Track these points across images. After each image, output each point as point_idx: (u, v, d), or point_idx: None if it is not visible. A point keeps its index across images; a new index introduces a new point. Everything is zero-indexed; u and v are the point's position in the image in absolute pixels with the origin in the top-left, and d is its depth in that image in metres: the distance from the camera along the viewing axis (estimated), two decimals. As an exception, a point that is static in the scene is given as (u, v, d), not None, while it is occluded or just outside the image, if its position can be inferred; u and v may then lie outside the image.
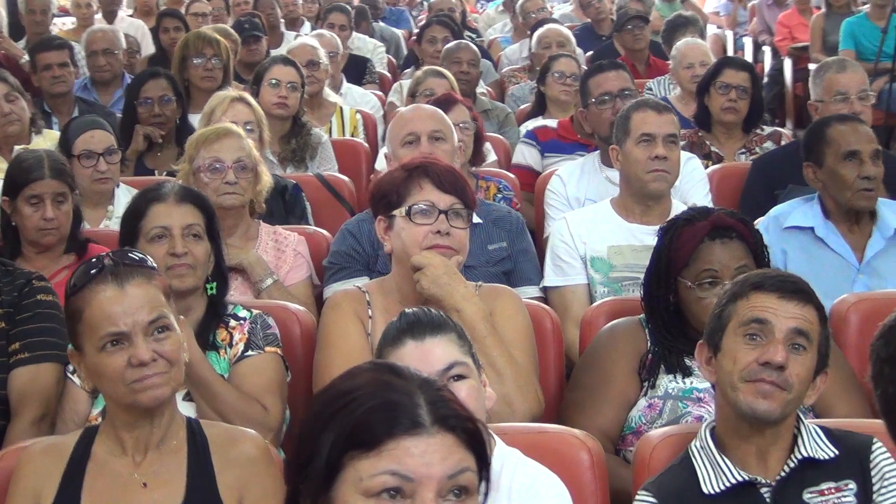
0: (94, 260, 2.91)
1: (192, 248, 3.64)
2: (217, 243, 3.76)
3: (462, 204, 3.58)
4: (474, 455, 1.84)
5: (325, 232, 4.85)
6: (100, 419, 3.43)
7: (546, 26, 8.03)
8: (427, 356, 2.72)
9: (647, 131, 4.55)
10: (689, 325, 3.58)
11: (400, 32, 10.87)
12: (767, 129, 6.25)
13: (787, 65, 10.59)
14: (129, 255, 2.94)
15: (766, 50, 11.48)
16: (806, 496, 2.82)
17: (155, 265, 3.00)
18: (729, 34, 12.35)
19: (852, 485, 2.83)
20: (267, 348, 3.64)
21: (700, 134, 6.11)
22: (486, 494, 1.88)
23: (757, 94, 6.15)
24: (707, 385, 3.47)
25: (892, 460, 2.85)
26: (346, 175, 5.86)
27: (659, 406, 3.51)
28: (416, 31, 10.38)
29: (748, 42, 12.00)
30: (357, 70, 8.37)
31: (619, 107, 5.33)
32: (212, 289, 3.72)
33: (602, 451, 3.15)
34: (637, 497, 2.88)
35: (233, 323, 3.66)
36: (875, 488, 2.83)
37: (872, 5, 9.88)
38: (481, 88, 7.63)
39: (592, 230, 4.59)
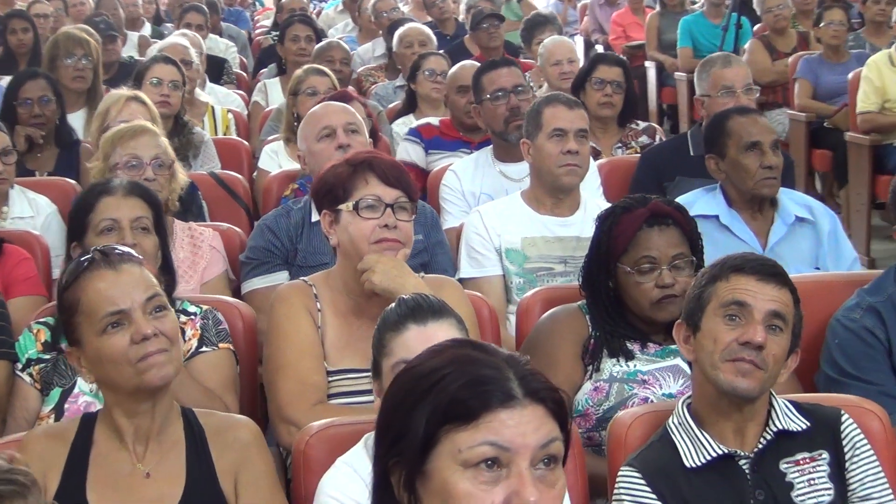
0: (82, 256, 2.92)
1: (141, 240, 3.66)
2: (164, 238, 3.77)
3: (407, 197, 3.65)
4: (559, 425, 1.92)
5: (237, 228, 4.86)
6: (51, 417, 3.42)
7: (407, 26, 8.12)
8: (431, 339, 2.78)
9: (559, 126, 4.67)
10: (628, 310, 3.69)
11: (244, 32, 10.84)
12: (642, 124, 6.43)
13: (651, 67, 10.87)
14: (114, 248, 2.97)
15: (599, 48, 11.75)
16: (782, 466, 2.97)
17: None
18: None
19: (826, 454, 2.99)
20: (220, 344, 3.68)
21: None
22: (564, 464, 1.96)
23: (630, 89, 6.34)
24: (650, 367, 3.61)
25: (860, 432, 3.02)
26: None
27: (605, 389, 3.61)
28: (254, 30, 10.37)
29: (579, 41, 12.26)
30: (216, 70, 8.33)
31: (514, 102, 5.49)
32: None
33: (578, 435, 3.26)
34: (621, 473, 2.99)
35: (183, 318, 3.66)
36: (847, 457, 2.99)
37: (708, 4, 10.22)
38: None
39: (506, 223, 4.69)
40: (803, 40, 9.24)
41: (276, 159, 6.15)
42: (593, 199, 4.85)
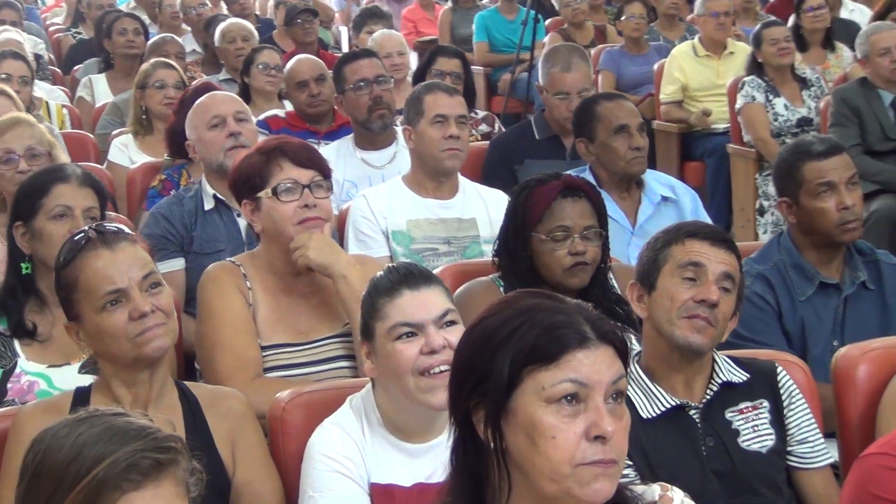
0: (77, 235, 3.01)
1: None
2: None
3: (321, 175, 3.82)
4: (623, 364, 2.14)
5: (123, 217, 4.92)
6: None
7: (229, 21, 8.20)
8: (425, 303, 2.99)
9: (440, 112, 4.89)
10: (541, 278, 3.91)
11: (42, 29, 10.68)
12: (481, 113, 6.69)
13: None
14: (107, 226, 3.07)
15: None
16: (728, 415, 3.24)
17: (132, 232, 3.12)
18: (343, 30, 12.75)
19: (766, 403, 3.27)
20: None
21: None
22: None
23: (469, 80, 6.58)
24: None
25: (793, 382, 3.32)
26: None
27: (527, 354, 3.83)
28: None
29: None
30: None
31: (376, 92, 5.68)
32: None
33: None
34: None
35: None
36: (785, 405, 3.28)
37: (501, 1, 10.54)
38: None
39: (391, 206, 4.88)
40: (600, 33, 9.64)
41: (126, 152, 6.21)
42: (470, 183, 5.06)
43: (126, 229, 3.10)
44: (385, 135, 5.73)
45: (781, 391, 3.28)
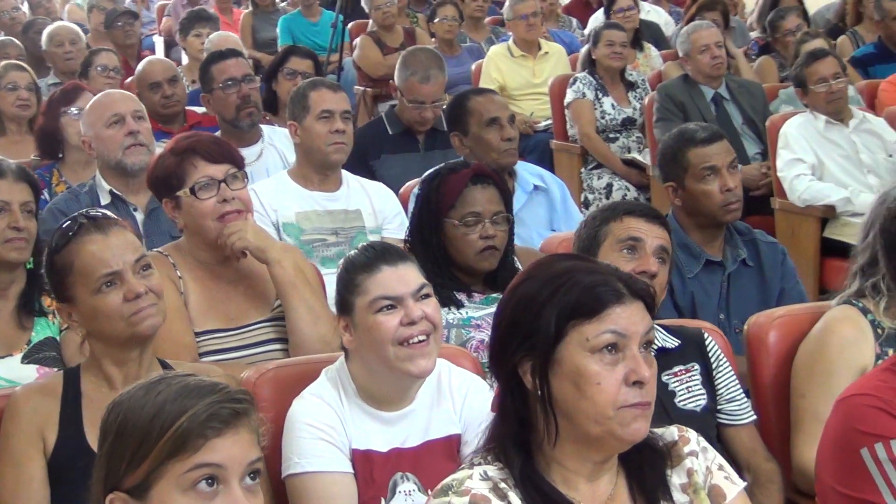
0: (68, 221, 3.12)
1: (28, 223, 3.83)
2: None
3: (235, 167, 3.98)
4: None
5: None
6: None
7: (57, 24, 8.19)
8: (403, 278, 3.21)
9: (326, 108, 5.07)
10: (452, 263, 4.13)
11: None
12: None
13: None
14: (98, 212, 3.23)
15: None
16: (664, 378, 3.52)
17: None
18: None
19: (697, 366, 3.57)
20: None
21: (269, 118, 6.63)
22: None
23: (319, 79, 6.75)
24: (480, 313, 4.08)
25: (719, 346, 3.63)
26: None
27: (444, 334, 4.05)
28: None
29: (160, 41, 12.42)
30: None
31: (244, 90, 5.82)
32: (30, 263, 3.88)
33: None
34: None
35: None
36: (714, 367, 3.59)
37: (303, 6, 10.71)
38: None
39: (280, 199, 5.03)
40: (409, 36, 9.89)
41: (-19, 153, 6.16)
42: (353, 176, 5.25)
43: (116, 217, 3.20)
44: (252, 132, 5.87)
45: (710, 355, 3.58)
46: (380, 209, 5.12)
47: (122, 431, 2.11)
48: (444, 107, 5.83)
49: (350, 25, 10.64)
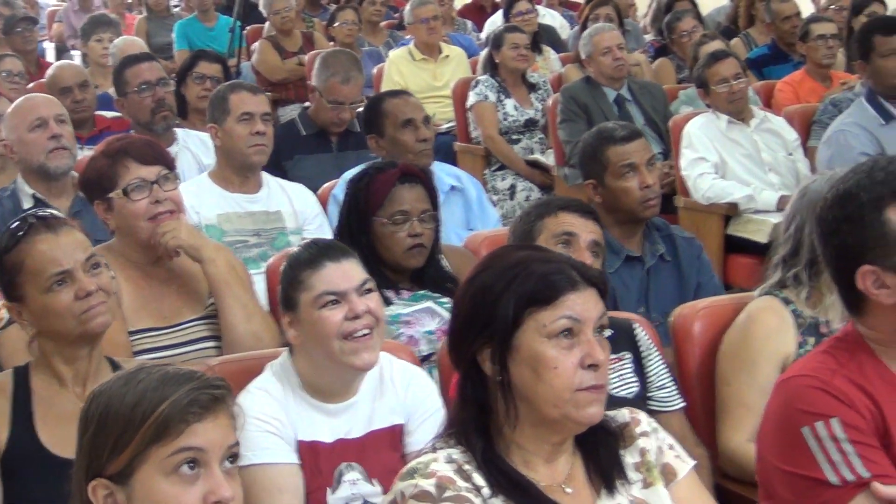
0: (17, 221, 3.15)
1: None
2: None
3: (167, 168, 4.03)
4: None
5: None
6: None
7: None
8: (347, 273, 3.28)
9: (247, 110, 5.12)
10: (380, 261, 4.21)
11: None
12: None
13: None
14: (47, 212, 3.27)
15: (76, 54, 11.88)
16: (597, 364, 3.63)
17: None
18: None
19: (629, 355, 3.68)
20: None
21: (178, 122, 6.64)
22: None
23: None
24: (409, 310, 4.16)
25: (648, 336, 3.74)
26: None
27: (377, 330, 4.13)
28: None
29: (50, 47, 12.34)
30: None
31: (159, 94, 5.84)
32: None
33: None
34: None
35: None
36: (644, 356, 3.71)
37: (199, 11, 10.71)
38: None
39: (201, 201, 5.07)
40: (308, 40, 9.93)
41: None
42: (273, 178, 5.30)
43: (64, 216, 3.24)
44: (166, 135, 5.88)
45: (640, 344, 3.70)
46: (300, 210, 5.17)
47: (104, 420, 2.17)
48: (361, 109, 5.89)
49: (247, 30, 10.66)
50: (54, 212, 3.30)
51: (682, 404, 3.71)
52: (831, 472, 2.56)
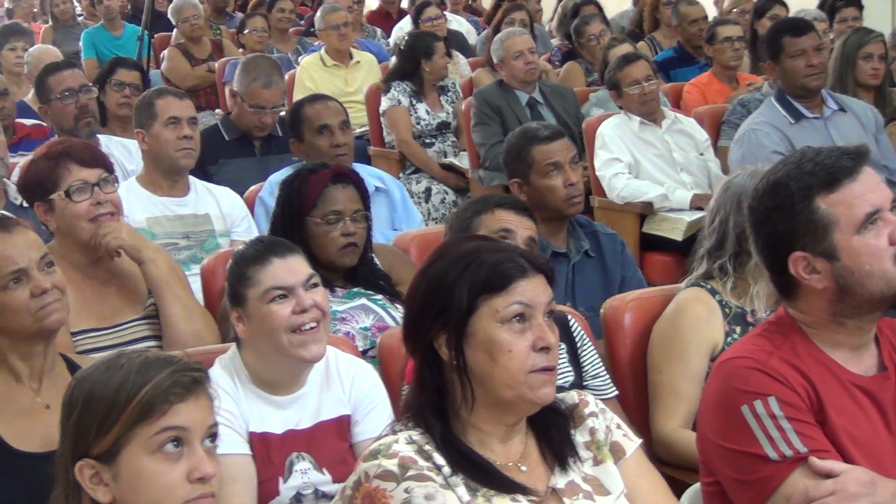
0: None
1: None
2: None
3: (107, 171, 4.11)
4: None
5: None
6: None
7: None
8: (293, 269, 3.38)
9: (173, 114, 5.18)
10: (315, 260, 4.26)
11: None
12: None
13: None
14: (3, 215, 3.31)
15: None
16: (534, 357, 3.75)
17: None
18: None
19: (563, 345, 3.78)
20: None
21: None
22: None
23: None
24: (344, 307, 4.24)
25: (581, 328, 3.87)
26: None
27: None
28: None
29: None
30: None
31: (82, 101, 5.89)
32: None
33: None
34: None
35: None
36: (578, 346, 3.84)
37: (105, 19, 10.72)
38: None
39: (130, 205, 5.07)
40: (217, 47, 9.98)
41: None
42: (200, 182, 5.36)
43: (16, 217, 3.29)
44: (90, 142, 5.89)
45: (574, 335, 3.83)
46: (228, 213, 5.24)
47: (88, 403, 2.28)
48: (283, 113, 5.96)
49: (154, 38, 10.67)
50: (6, 213, 3.33)
51: (615, 393, 3.83)
52: (770, 447, 2.68)
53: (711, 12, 9.87)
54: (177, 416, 2.27)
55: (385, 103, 7.84)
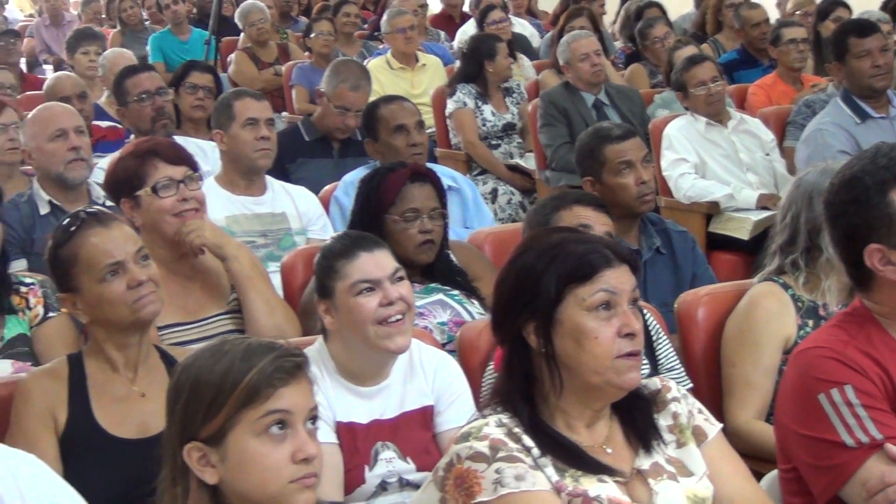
0: (69, 218, 3.35)
1: None
2: None
3: (192, 169, 4.23)
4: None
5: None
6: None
7: None
8: (380, 263, 3.49)
9: (251, 116, 5.30)
10: (395, 256, 4.38)
11: None
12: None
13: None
14: (96, 208, 3.47)
15: (49, 67, 12.02)
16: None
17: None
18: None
19: (639, 338, 3.89)
20: (63, 309, 4.04)
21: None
22: None
23: (220, 94, 6.95)
24: (422, 303, 4.29)
25: (657, 322, 3.95)
26: None
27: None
28: None
29: (22, 62, 12.42)
30: None
31: (158, 103, 6.02)
32: None
33: None
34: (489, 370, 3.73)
35: (23, 289, 4.04)
36: (654, 340, 3.90)
37: (172, 24, 10.88)
38: None
39: (210, 204, 5.16)
40: (283, 51, 10.12)
41: None
42: (277, 181, 5.48)
43: (111, 212, 3.43)
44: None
45: (650, 329, 3.91)
46: (304, 212, 5.35)
47: (195, 389, 2.39)
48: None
49: (221, 42, 10.82)
50: (102, 208, 3.46)
51: (690, 385, 3.90)
52: (847, 434, 2.76)
53: (773, 13, 9.89)
54: (281, 400, 2.36)
55: (451, 105, 7.93)
